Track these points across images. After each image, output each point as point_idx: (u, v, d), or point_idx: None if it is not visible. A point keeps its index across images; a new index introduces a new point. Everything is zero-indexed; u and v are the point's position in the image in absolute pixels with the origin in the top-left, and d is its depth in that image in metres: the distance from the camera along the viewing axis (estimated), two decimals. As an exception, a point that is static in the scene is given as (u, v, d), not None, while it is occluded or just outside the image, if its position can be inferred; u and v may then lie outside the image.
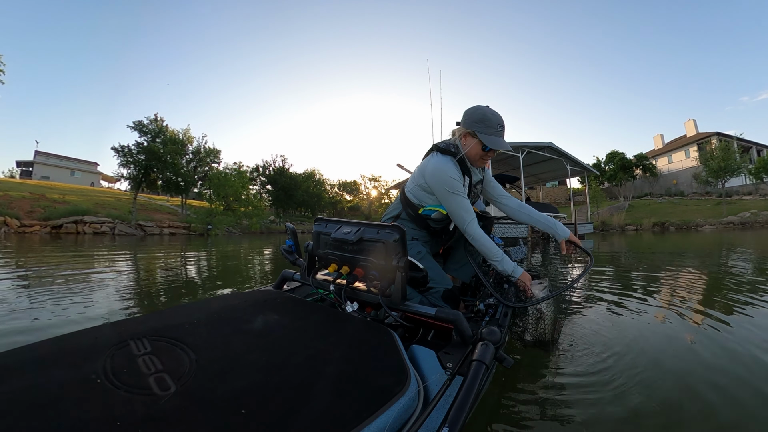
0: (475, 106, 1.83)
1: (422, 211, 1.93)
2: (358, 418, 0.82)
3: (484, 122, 1.76)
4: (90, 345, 1.02)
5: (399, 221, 2.00)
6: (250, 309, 1.40)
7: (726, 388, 1.65)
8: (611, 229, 26.82)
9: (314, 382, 0.94)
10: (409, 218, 1.98)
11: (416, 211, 1.94)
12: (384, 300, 1.48)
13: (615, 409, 1.51)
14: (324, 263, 1.73)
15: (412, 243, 1.93)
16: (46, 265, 5.92)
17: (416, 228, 1.98)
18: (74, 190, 29.47)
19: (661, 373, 1.82)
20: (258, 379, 0.94)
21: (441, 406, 0.95)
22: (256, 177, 37.34)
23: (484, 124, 1.76)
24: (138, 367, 0.93)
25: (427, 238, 2.03)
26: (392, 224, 1.49)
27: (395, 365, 1.06)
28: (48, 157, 47.96)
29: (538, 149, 17.01)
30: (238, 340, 1.15)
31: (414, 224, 1.97)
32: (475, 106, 1.83)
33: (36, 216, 18.56)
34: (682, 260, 6.88)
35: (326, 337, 1.22)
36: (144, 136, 24.43)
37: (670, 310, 3.08)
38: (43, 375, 0.87)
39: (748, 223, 24.42)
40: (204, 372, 0.94)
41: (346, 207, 47.95)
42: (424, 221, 1.94)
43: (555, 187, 44.62)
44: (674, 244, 12.01)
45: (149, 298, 3.69)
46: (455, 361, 1.21)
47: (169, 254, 8.68)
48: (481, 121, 1.77)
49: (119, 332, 1.09)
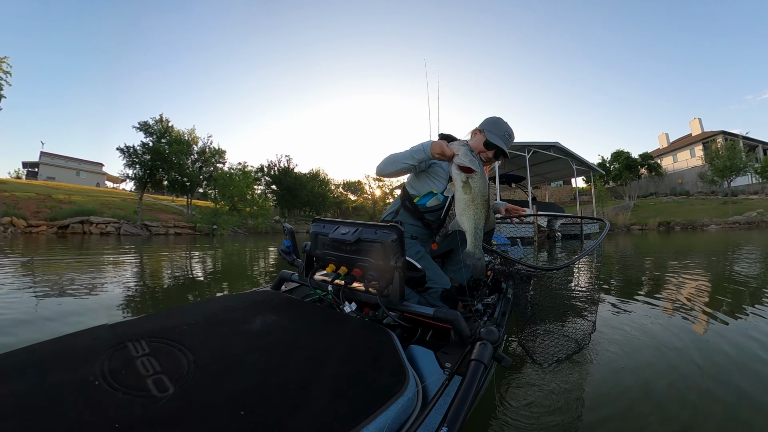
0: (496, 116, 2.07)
1: (417, 200, 1.99)
2: (356, 419, 0.81)
3: (494, 125, 1.99)
4: (88, 346, 1.02)
5: (399, 216, 2.06)
6: (248, 310, 1.40)
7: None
8: (616, 228, 26.64)
9: (313, 383, 0.93)
10: (407, 211, 2.04)
11: (413, 202, 2.01)
12: (382, 300, 1.48)
13: (614, 409, 1.51)
14: (322, 264, 1.73)
15: (412, 242, 1.97)
16: (55, 264, 5.97)
17: (414, 223, 2.02)
18: (80, 190, 29.65)
19: (671, 377, 1.82)
20: (256, 380, 0.94)
21: (440, 406, 0.94)
22: (260, 177, 37.40)
23: (493, 126, 1.99)
24: (136, 369, 0.93)
25: (426, 237, 2.06)
26: (390, 224, 1.49)
27: (394, 365, 1.06)
28: (53, 158, 48.27)
29: (544, 149, 16.96)
30: (236, 341, 1.15)
31: (412, 217, 2.03)
32: (496, 116, 2.06)
33: (42, 216, 18.71)
34: (695, 260, 6.83)
35: (324, 338, 1.22)
36: (149, 137, 24.54)
37: (681, 312, 3.06)
38: (41, 377, 0.88)
39: (755, 222, 24.17)
40: (202, 373, 0.94)
41: (350, 207, 47.91)
42: (421, 213, 2.00)
43: (560, 186, 44.38)
44: (680, 244, 11.93)
45: (156, 296, 3.71)
46: (454, 360, 1.20)
47: (175, 254, 8.73)
48: (492, 123, 2.01)
49: (117, 333, 1.09)
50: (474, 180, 1.45)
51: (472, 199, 1.46)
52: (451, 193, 1.52)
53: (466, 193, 1.46)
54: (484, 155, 1.97)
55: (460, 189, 1.47)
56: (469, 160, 1.45)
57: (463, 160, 1.46)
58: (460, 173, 1.47)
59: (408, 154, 1.79)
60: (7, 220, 17.32)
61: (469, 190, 1.45)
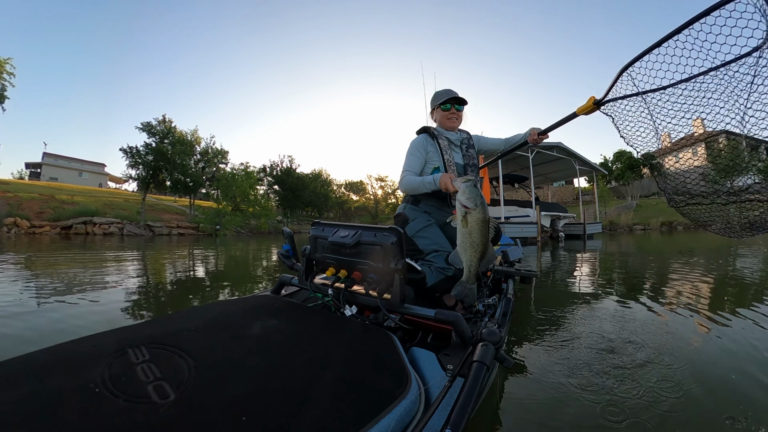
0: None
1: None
2: (359, 423, 0.81)
3: (436, 97, 2.35)
4: (88, 353, 1.02)
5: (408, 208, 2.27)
6: (248, 315, 1.40)
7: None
8: (619, 228, 26.58)
9: (314, 387, 0.93)
10: (411, 201, 2.28)
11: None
12: (383, 303, 1.48)
13: (614, 408, 1.50)
14: (322, 267, 1.73)
15: (421, 215, 2.20)
16: (59, 264, 5.99)
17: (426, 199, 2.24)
18: (82, 191, 29.71)
19: (689, 378, 1.81)
20: (257, 384, 0.94)
21: (443, 408, 0.94)
22: (263, 177, 37.38)
23: (436, 97, 2.34)
24: (136, 375, 0.93)
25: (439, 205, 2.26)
26: (389, 227, 1.50)
27: (395, 368, 1.06)
28: (56, 159, 48.32)
29: (547, 149, 16.89)
30: (236, 346, 1.15)
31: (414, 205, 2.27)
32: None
33: (46, 217, 18.76)
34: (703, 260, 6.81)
35: (325, 342, 1.22)
36: (152, 137, 24.58)
37: (683, 311, 3.05)
38: (41, 384, 0.88)
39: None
40: (203, 379, 0.94)
41: (353, 207, 47.84)
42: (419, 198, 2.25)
43: (562, 186, 44.25)
44: (684, 244, 11.89)
45: (159, 297, 3.73)
46: (455, 362, 1.19)
47: (178, 254, 8.74)
48: (434, 98, 2.36)
49: (117, 340, 1.09)
50: (471, 216, 1.50)
51: (469, 232, 1.51)
52: (455, 223, 1.56)
53: (464, 226, 1.51)
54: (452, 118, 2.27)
55: (460, 222, 1.52)
56: (466, 198, 1.50)
57: (460, 198, 1.52)
58: (461, 207, 1.53)
59: (421, 184, 2.04)
60: (11, 221, 17.39)
61: (466, 224, 1.50)
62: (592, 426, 1.41)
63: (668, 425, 1.41)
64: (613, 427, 1.40)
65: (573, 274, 5.72)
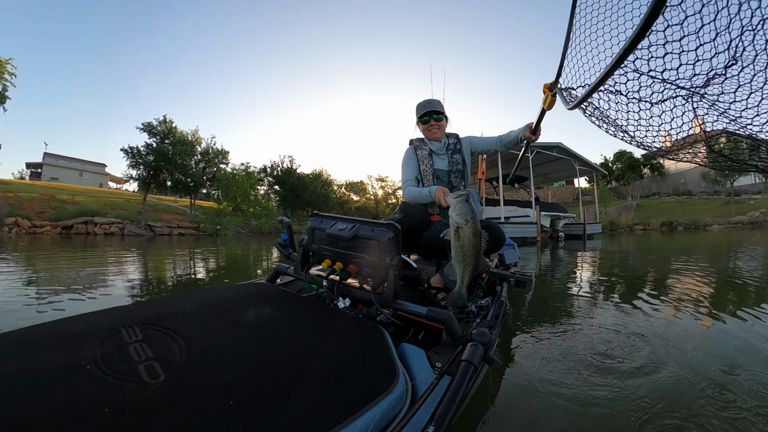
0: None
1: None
2: (345, 414, 0.82)
3: (416, 110, 2.46)
4: (81, 331, 1.03)
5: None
6: (243, 301, 1.41)
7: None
8: (619, 228, 26.55)
9: (303, 376, 0.94)
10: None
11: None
12: (376, 297, 1.49)
13: (613, 407, 1.51)
14: (318, 258, 1.74)
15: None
16: (64, 265, 6.00)
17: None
18: (83, 191, 29.73)
19: (679, 381, 1.81)
20: (247, 371, 0.95)
21: (428, 405, 0.94)
22: (263, 177, 37.36)
23: (417, 111, 2.46)
24: (128, 355, 0.94)
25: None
26: (387, 222, 1.50)
27: (384, 362, 1.07)
28: (57, 159, 48.35)
29: (547, 149, 16.88)
30: (229, 331, 1.16)
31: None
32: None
33: (46, 217, 18.77)
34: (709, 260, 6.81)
35: (317, 332, 1.23)
36: (153, 138, 24.59)
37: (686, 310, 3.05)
38: (32, 360, 0.88)
39: (758, 222, 24.03)
40: (194, 362, 0.95)
41: (353, 207, 47.77)
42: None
43: (562, 186, 44.22)
44: (684, 244, 11.88)
45: (162, 296, 3.73)
46: (444, 360, 1.21)
47: (179, 254, 8.76)
48: (416, 112, 2.47)
49: (111, 319, 1.10)
50: (463, 230, 1.56)
51: (461, 246, 1.57)
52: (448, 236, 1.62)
53: (456, 240, 1.58)
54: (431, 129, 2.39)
55: (453, 236, 1.59)
56: (457, 214, 1.57)
57: (452, 214, 1.59)
58: (453, 222, 1.59)
59: (420, 196, 2.24)
60: (12, 221, 17.40)
61: (458, 238, 1.57)
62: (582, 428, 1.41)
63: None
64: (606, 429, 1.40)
65: (571, 274, 5.73)
